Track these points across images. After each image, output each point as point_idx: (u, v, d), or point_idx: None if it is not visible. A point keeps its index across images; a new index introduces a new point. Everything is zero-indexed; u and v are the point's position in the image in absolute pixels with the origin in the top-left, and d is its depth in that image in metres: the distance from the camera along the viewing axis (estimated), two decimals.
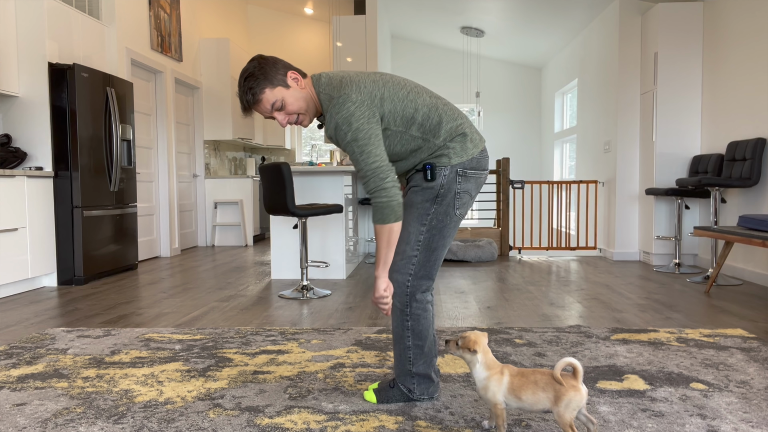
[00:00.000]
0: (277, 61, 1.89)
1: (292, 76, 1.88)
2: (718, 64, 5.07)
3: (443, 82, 10.53)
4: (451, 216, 1.91)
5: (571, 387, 1.57)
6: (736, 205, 4.76)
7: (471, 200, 1.95)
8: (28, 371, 2.42)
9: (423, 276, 1.93)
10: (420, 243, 1.90)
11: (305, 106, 1.91)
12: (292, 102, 1.88)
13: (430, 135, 1.88)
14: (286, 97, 1.87)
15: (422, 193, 1.90)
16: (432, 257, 1.92)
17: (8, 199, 4.10)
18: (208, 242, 7.58)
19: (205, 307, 3.70)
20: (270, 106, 1.87)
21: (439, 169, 1.88)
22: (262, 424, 1.87)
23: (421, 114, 1.87)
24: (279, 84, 1.86)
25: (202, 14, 7.61)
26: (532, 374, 1.65)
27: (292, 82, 1.88)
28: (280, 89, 1.86)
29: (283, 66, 1.89)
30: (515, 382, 1.66)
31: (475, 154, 1.91)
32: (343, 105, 1.79)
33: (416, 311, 1.94)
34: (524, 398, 1.63)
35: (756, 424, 1.83)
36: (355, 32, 7.63)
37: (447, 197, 1.89)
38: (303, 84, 1.90)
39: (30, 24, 4.48)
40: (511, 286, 4.39)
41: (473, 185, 1.94)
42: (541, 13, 7.36)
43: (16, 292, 4.27)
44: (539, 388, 1.61)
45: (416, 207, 1.91)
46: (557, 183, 6.44)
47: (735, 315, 3.37)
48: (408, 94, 1.88)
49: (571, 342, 2.78)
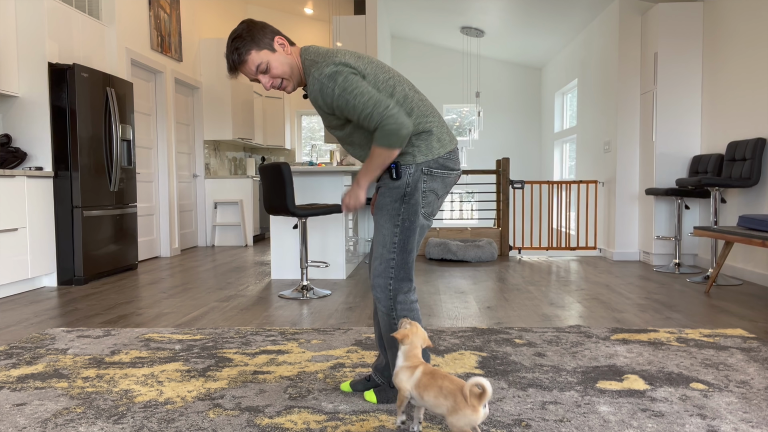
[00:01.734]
0: (266, 25, 1.92)
1: (279, 41, 1.91)
2: (718, 64, 5.07)
3: (443, 82, 10.53)
4: (419, 215, 1.92)
5: (470, 406, 1.56)
6: (736, 205, 4.76)
7: (437, 200, 1.96)
8: (28, 371, 2.42)
9: (403, 278, 1.94)
10: (396, 245, 1.91)
11: (289, 71, 1.93)
12: (276, 66, 1.90)
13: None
14: (272, 60, 1.89)
15: (390, 193, 1.91)
16: (408, 258, 1.94)
17: (8, 199, 4.10)
18: (208, 242, 7.58)
19: (205, 307, 3.70)
20: (255, 68, 1.89)
21: (403, 168, 1.89)
22: (262, 424, 1.87)
23: (395, 100, 1.88)
24: (265, 47, 1.89)
25: (202, 14, 7.61)
26: (441, 378, 1.64)
27: (279, 47, 1.91)
28: (266, 52, 1.89)
29: (272, 31, 1.92)
30: (423, 380, 1.67)
31: (442, 154, 1.92)
32: (326, 66, 1.83)
33: (402, 313, 1.95)
34: (426, 398, 1.65)
35: (756, 424, 1.83)
36: (355, 32, 7.63)
37: (414, 196, 1.90)
38: (289, 50, 1.93)
39: (30, 24, 4.48)
40: (511, 286, 4.39)
41: (440, 185, 1.94)
42: (541, 13, 7.36)
43: (16, 292, 4.27)
44: (442, 393, 1.61)
45: (387, 209, 1.92)
46: (557, 183, 6.43)
47: (735, 315, 3.37)
48: (389, 78, 1.90)
49: (571, 342, 2.78)
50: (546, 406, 2.00)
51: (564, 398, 2.06)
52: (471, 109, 10.72)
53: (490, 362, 2.48)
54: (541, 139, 10.36)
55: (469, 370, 2.37)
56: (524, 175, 10.53)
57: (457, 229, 6.55)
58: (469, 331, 3.00)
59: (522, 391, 2.14)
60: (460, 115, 10.78)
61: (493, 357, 2.55)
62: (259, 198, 8.00)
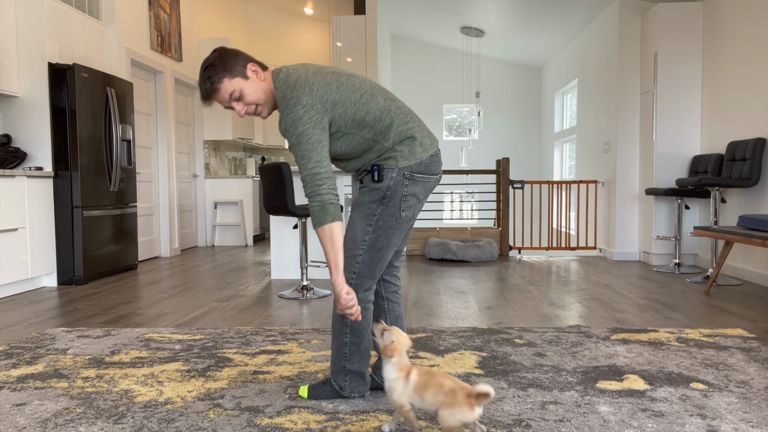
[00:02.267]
0: (239, 53, 1.93)
1: (251, 68, 1.92)
2: (718, 64, 5.07)
3: (443, 82, 10.53)
4: (397, 218, 1.93)
5: (468, 404, 1.58)
6: (736, 205, 4.76)
7: (418, 203, 1.98)
8: (28, 371, 2.42)
9: (366, 275, 1.95)
10: (365, 242, 1.93)
11: (263, 97, 1.93)
12: (250, 93, 1.90)
13: (381, 137, 1.90)
14: (245, 88, 1.90)
15: (370, 193, 1.93)
16: (377, 257, 1.94)
17: (8, 199, 4.10)
18: (208, 242, 7.58)
19: (205, 307, 3.70)
20: (228, 96, 1.90)
21: (386, 171, 1.90)
22: (262, 424, 1.87)
23: (372, 116, 1.89)
24: (238, 75, 1.89)
25: (202, 14, 7.61)
26: (440, 376, 1.65)
27: (252, 74, 1.91)
28: (239, 80, 1.89)
29: (244, 58, 1.92)
30: (421, 381, 1.67)
31: (424, 158, 1.93)
32: (294, 107, 1.82)
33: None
34: (426, 398, 1.65)
35: (756, 424, 1.83)
36: (355, 32, 7.63)
37: (394, 199, 1.91)
38: (262, 77, 1.93)
39: (30, 24, 4.48)
40: (511, 286, 4.39)
41: (421, 189, 1.96)
42: (541, 13, 7.36)
43: (16, 292, 4.27)
44: (442, 391, 1.62)
45: (363, 207, 1.93)
46: (557, 183, 6.43)
47: (735, 315, 3.37)
48: (361, 97, 1.90)
49: (571, 342, 2.78)
50: (546, 406, 2.00)
51: (564, 398, 2.06)
52: (471, 109, 10.72)
53: (490, 362, 2.48)
54: (541, 139, 10.36)
55: (469, 370, 2.37)
56: (524, 175, 10.53)
57: (457, 229, 6.55)
58: (469, 331, 3.00)
59: (522, 391, 2.14)
60: (460, 115, 10.77)
61: (493, 357, 2.55)
62: (259, 198, 8.00)
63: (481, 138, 10.61)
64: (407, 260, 5.98)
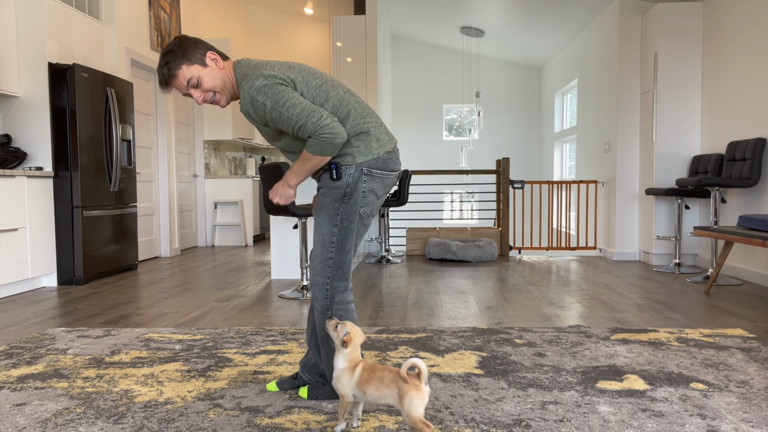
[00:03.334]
0: (199, 41, 1.94)
1: (211, 56, 1.92)
2: (718, 64, 5.07)
3: (443, 82, 10.53)
4: (358, 214, 1.96)
5: (413, 386, 1.62)
6: (736, 205, 4.76)
7: (376, 200, 2.00)
8: (28, 371, 2.42)
9: (340, 277, 1.97)
10: (334, 244, 1.95)
11: (221, 85, 1.93)
12: (207, 80, 1.91)
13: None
14: (202, 74, 1.90)
15: (330, 193, 1.94)
16: (346, 258, 1.97)
17: (8, 199, 4.10)
18: (208, 242, 7.58)
19: (205, 307, 3.70)
20: (186, 82, 1.90)
21: (344, 168, 1.92)
22: (262, 424, 1.87)
23: (331, 105, 1.91)
24: (196, 62, 1.90)
25: (202, 14, 7.60)
26: (380, 370, 1.70)
27: (211, 62, 1.92)
28: (197, 67, 1.90)
29: (204, 46, 1.93)
30: (363, 376, 1.71)
31: (381, 154, 1.95)
32: (256, 79, 1.84)
33: (337, 312, 1.98)
34: (368, 392, 1.70)
35: (756, 424, 1.83)
36: (355, 32, 7.63)
37: (354, 196, 1.93)
38: (222, 65, 1.94)
39: (30, 24, 4.48)
40: (511, 286, 4.39)
41: (379, 185, 1.98)
42: (541, 13, 7.36)
43: (16, 292, 4.27)
44: (384, 384, 1.67)
45: (326, 208, 1.95)
46: (557, 183, 6.43)
47: (735, 315, 3.37)
48: (322, 84, 1.92)
49: (571, 342, 2.78)
50: (546, 406, 2.00)
51: (564, 398, 2.06)
52: (471, 109, 10.71)
53: (490, 362, 2.48)
54: (541, 139, 10.36)
55: (469, 370, 2.37)
56: (524, 175, 10.53)
57: (457, 229, 6.55)
58: (469, 331, 3.00)
59: (522, 391, 2.14)
60: (460, 115, 10.78)
61: (493, 357, 2.55)
62: (259, 198, 8.00)
63: (481, 138, 10.61)
64: (407, 260, 5.98)
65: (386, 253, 5.96)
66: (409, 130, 10.62)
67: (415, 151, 10.65)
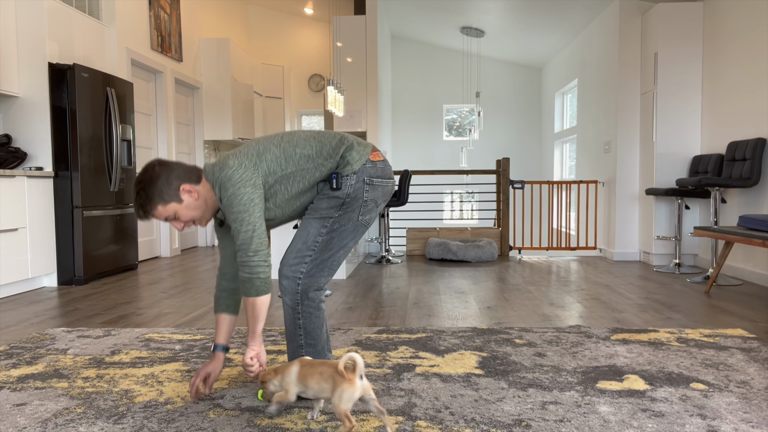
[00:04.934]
0: (172, 171, 1.90)
1: (185, 188, 1.91)
2: (719, 64, 5.07)
3: (443, 82, 10.53)
4: (355, 222, 1.98)
5: (347, 380, 1.68)
6: (736, 205, 4.76)
7: (376, 208, 2.04)
8: (28, 371, 2.42)
9: (315, 275, 1.97)
10: (317, 244, 1.96)
11: (199, 214, 1.96)
12: (184, 214, 1.93)
13: (322, 159, 1.95)
14: (179, 210, 1.92)
15: (328, 200, 1.96)
16: (328, 258, 1.98)
17: (8, 199, 4.10)
18: (208, 242, 7.58)
19: (205, 307, 3.70)
20: (164, 219, 1.95)
21: (344, 179, 1.95)
22: (262, 424, 1.87)
23: (307, 147, 1.96)
24: (172, 200, 1.90)
25: (202, 14, 7.61)
26: (320, 365, 1.77)
27: (185, 195, 1.91)
28: (173, 204, 1.91)
29: (177, 178, 1.90)
30: (302, 372, 1.80)
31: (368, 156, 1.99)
32: (223, 171, 1.87)
33: (308, 309, 1.98)
34: (310, 386, 1.77)
35: (756, 424, 1.83)
36: (355, 32, 7.63)
37: (353, 205, 1.96)
38: (196, 195, 1.93)
39: (30, 24, 4.48)
40: (511, 286, 4.39)
41: (380, 194, 2.02)
42: (541, 13, 7.36)
43: (16, 292, 4.27)
44: (323, 378, 1.74)
45: (320, 212, 1.97)
46: (557, 183, 6.44)
47: (735, 315, 3.37)
48: (282, 138, 1.98)
49: (571, 342, 2.78)
50: (546, 406, 2.00)
51: (564, 398, 2.06)
52: (471, 109, 10.72)
53: (490, 362, 2.48)
54: (541, 139, 10.36)
55: (469, 370, 2.37)
56: (524, 175, 10.53)
57: (457, 229, 6.55)
58: (469, 331, 3.00)
59: (522, 391, 2.14)
60: (460, 115, 10.78)
61: (493, 357, 2.55)
62: None
63: (481, 138, 10.61)
64: (407, 260, 5.98)
65: (386, 253, 5.97)
66: (409, 130, 10.62)
67: (415, 151, 10.65)
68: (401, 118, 10.61)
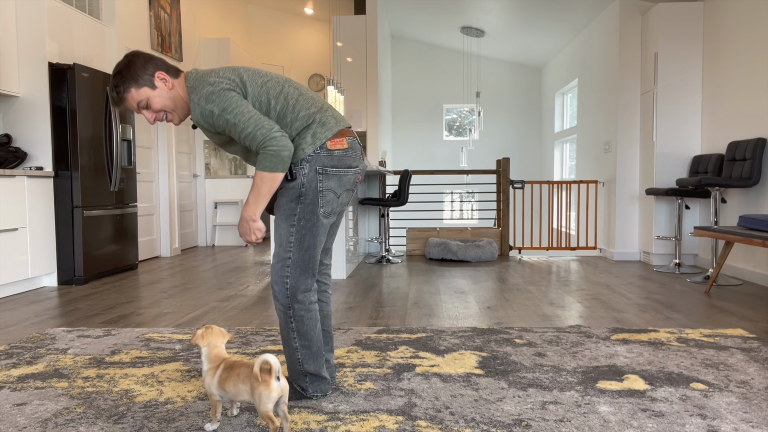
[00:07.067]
0: (149, 60, 1.92)
1: (159, 76, 1.92)
2: (719, 64, 5.07)
3: (443, 82, 10.53)
4: (317, 215, 1.95)
5: (263, 382, 1.67)
6: (736, 205, 4.76)
7: (338, 199, 1.98)
8: (29, 371, 2.43)
9: (300, 275, 1.97)
10: (292, 243, 1.96)
11: (171, 105, 1.95)
12: (157, 101, 1.92)
13: (284, 125, 1.91)
14: (151, 96, 1.91)
15: (286, 194, 1.95)
16: (306, 256, 1.97)
17: (8, 199, 4.10)
18: (208, 242, 7.58)
19: (205, 307, 3.70)
20: (136, 104, 1.93)
21: (297, 169, 1.92)
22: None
23: (280, 103, 1.91)
24: (145, 84, 1.90)
25: (202, 14, 7.61)
26: (238, 367, 1.75)
27: (160, 83, 1.92)
28: (146, 89, 1.91)
29: (154, 65, 1.92)
30: (223, 375, 1.77)
31: (328, 138, 1.92)
32: (203, 88, 1.86)
33: (299, 312, 1.98)
34: (228, 390, 1.75)
35: (756, 424, 1.83)
36: (355, 32, 7.63)
37: (309, 196, 1.93)
38: (171, 84, 1.94)
39: (30, 24, 4.48)
40: (511, 286, 4.39)
41: (336, 183, 1.96)
42: (541, 13, 7.36)
43: (16, 292, 4.27)
44: (240, 380, 1.72)
45: (283, 209, 1.96)
46: (557, 183, 6.44)
47: (735, 315, 3.37)
48: (267, 81, 1.93)
49: (571, 342, 2.78)
50: (546, 406, 2.00)
51: (564, 398, 2.06)
52: (471, 109, 10.72)
53: (491, 362, 2.48)
54: (541, 139, 10.36)
55: (469, 370, 2.37)
56: (524, 175, 10.53)
57: (457, 229, 6.55)
58: (469, 331, 3.00)
59: (522, 391, 2.14)
60: (460, 115, 10.78)
61: (493, 357, 2.55)
62: None
63: (481, 138, 10.61)
64: (407, 260, 5.98)
65: (386, 253, 5.96)
66: (409, 130, 10.62)
67: (415, 151, 10.65)
68: (401, 118, 10.61)
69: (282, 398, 1.72)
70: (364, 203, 5.64)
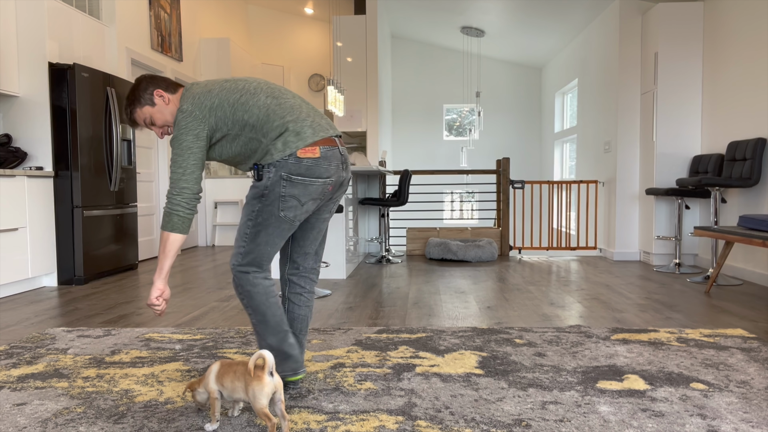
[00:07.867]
0: (151, 81, 2.08)
1: (158, 93, 2.07)
2: (719, 64, 5.07)
3: (443, 82, 10.53)
4: (276, 216, 2.01)
5: (256, 378, 1.70)
6: (737, 205, 4.76)
7: (301, 206, 2.02)
8: (29, 371, 2.43)
9: (249, 263, 2.06)
10: (247, 235, 2.04)
11: (171, 118, 2.10)
12: (157, 117, 2.08)
13: (261, 135, 2.00)
14: (153, 113, 2.08)
15: (252, 190, 2.04)
16: (258, 250, 2.04)
17: (8, 199, 4.10)
18: (208, 242, 7.58)
19: (205, 307, 3.70)
20: (143, 123, 2.11)
21: (264, 171, 1.99)
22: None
23: (251, 115, 1.99)
24: (146, 103, 2.07)
25: (202, 14, 7.61)
26: (236, 365, 1.79)
27: (158, 100, 2.07)
28: (147, 107, 2.08)
29: (154, 85, 2.08)
30: (220, 371, 1.81)
31: (300, 147, 1.97)
32: (178, 114, 2.00)
33: (246, 287, 2.05)
34: (225, 385, 1.79)
35: (756, 424, 1.83)
36: (355, 32, 7.63)
37: (270, 198, 1.99)
38: (168, 99, 2.08)
39: (30, 24, 4.48)
40: (512, 286, 4.39)
41: (301, 191, 2.00)
42: (541, 13, 7.36)
43: (16, 292, 4.27)
44: (236, 377, 1.76)
45: (248, 202, 2.05)
46: (557, 183, 6.44)
47: (735, 315, 3.37)
48: (240, 97, 2.00)
49: (571, 342, 2.78)
50: (546, 406, 2.00)
51: (564, 398, 2.06)
52: (471, 109, 10.71)
53: (491, 362, 2.48)
54: (541, 139, 10.36)
55: (470, 370, 2.37)
56: (524, 175, 10.53)
57: (457, 229, 6.55)
58: (469, 331, 3.00)
59: (522, 391, 2.14)
60: (460, 115, 10.78)
61: (493, 357, 2.55)
62: None
63: (481, 138, 10.61)
64: (407, 260, 5.98)
65: (386, 253, 5.97)
66: (409, 130, 10.62)
67: (415, 151, 10.65)
68: (401, 118, 10.61)
69: (277, 395, 1.73)
70: (364, 203, 5.64)
